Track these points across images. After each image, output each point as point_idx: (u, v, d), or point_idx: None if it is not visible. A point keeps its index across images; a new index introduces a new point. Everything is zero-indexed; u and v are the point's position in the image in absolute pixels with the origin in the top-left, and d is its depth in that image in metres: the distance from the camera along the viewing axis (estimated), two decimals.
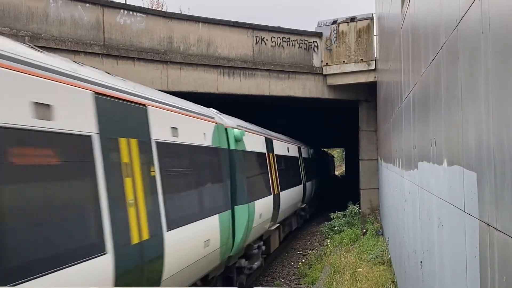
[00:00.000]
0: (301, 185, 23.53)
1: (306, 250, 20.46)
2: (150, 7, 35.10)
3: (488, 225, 3.01)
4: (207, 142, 10.41)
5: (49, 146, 5.22)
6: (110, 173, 6.23)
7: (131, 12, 15.76)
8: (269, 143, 16.89)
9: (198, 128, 10.04)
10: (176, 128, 8.73)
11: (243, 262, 13.37)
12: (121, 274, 6.19)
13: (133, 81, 8.61)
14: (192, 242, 8.91)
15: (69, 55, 13.30)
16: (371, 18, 19.66)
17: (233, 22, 18.47)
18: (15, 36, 12.24)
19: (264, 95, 19.24)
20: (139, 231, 6.83)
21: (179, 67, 16.94)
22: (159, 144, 7.90)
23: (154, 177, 7.66)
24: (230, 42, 18.16)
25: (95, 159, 5.99)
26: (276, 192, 16.60)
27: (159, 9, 40.62)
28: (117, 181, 6.41)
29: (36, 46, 6.37)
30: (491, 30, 2.90)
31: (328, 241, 19.44)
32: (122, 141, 6.71)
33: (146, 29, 16.11)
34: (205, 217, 9.65)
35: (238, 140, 12.50)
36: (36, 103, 4.96)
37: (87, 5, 14.49)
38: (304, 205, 25.26)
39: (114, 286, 6.04)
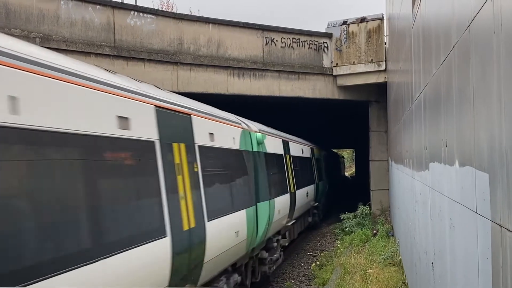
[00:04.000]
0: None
1: (316, 251, 20.43)
2: (160, 9, 35.22)
3: (501, 226, 2.99)
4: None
5: None
6: None
7: (141, 14, 15.82)
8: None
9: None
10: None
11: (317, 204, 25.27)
12: None
13: (144, 82, 8.55)
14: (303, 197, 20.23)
15: (80, 56, 13.38)
16: (381, 19, 19.60)
17: (243, 23, 18.49)
18: (27, 37, 12.32)
19: (274, 96, 19.23)
20: None
21: (189, 68, 16.98)
22: None
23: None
24: (240, 43, 18.18)
25: None
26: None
27: (169, 10, 40.72)
28: None
29: (47, 47, 6.25)
30: (503, 31, 2.88)
31: (339, 242, 19.39)
32: None
33: (156, 31, 16.16)
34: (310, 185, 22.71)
35: (318, 155, 26.11)
36: None
37: (98, 6, 14.56)
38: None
39: None
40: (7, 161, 4.50)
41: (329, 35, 20.01)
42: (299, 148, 21.54)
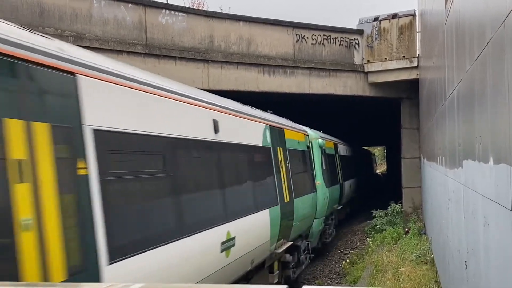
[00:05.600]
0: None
1: (347, 249, 20.35)
2: (191, 7, 35.42)
3: None
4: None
5: None
6: None
7: (173, 12, 15.93)
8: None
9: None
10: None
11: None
12: None
13: (175, 80, 8.63)
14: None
15: (112, 54, 13.55)
16: (413, 15, 19.40)
17: (273, 20, 18.49)
18: (60, 36, 12.51)
19: (304, 93, 19.20)
20: None
21: (220, 66, 17.05)
22: None
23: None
24: (270, 41, 18.18)
25: None
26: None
27: (200, 8, 40.92)
28: None
29: (80, 46, 6.38)
30: None
31: (370, 240, 19.29)
32: None
33: (187, 29, 16.26)
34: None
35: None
36: None
37: (130, 5, 14.72)
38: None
39: None
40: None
41: (360, 32, 19.89)
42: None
